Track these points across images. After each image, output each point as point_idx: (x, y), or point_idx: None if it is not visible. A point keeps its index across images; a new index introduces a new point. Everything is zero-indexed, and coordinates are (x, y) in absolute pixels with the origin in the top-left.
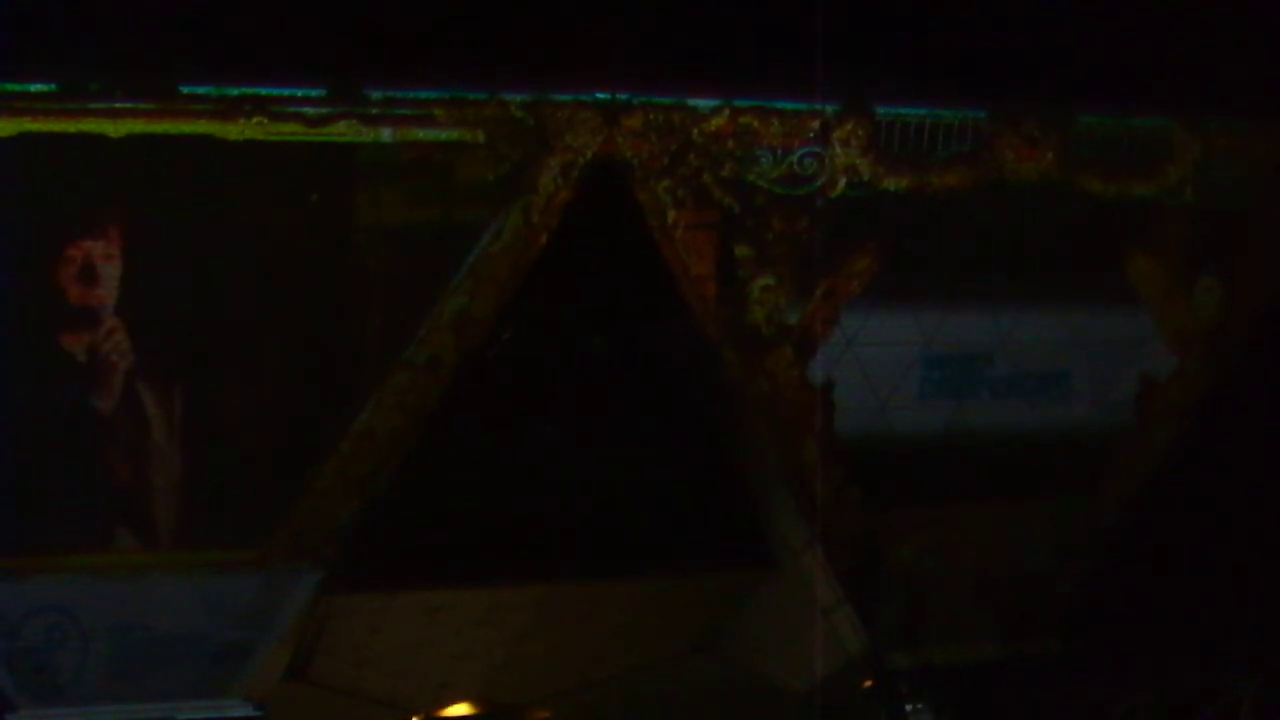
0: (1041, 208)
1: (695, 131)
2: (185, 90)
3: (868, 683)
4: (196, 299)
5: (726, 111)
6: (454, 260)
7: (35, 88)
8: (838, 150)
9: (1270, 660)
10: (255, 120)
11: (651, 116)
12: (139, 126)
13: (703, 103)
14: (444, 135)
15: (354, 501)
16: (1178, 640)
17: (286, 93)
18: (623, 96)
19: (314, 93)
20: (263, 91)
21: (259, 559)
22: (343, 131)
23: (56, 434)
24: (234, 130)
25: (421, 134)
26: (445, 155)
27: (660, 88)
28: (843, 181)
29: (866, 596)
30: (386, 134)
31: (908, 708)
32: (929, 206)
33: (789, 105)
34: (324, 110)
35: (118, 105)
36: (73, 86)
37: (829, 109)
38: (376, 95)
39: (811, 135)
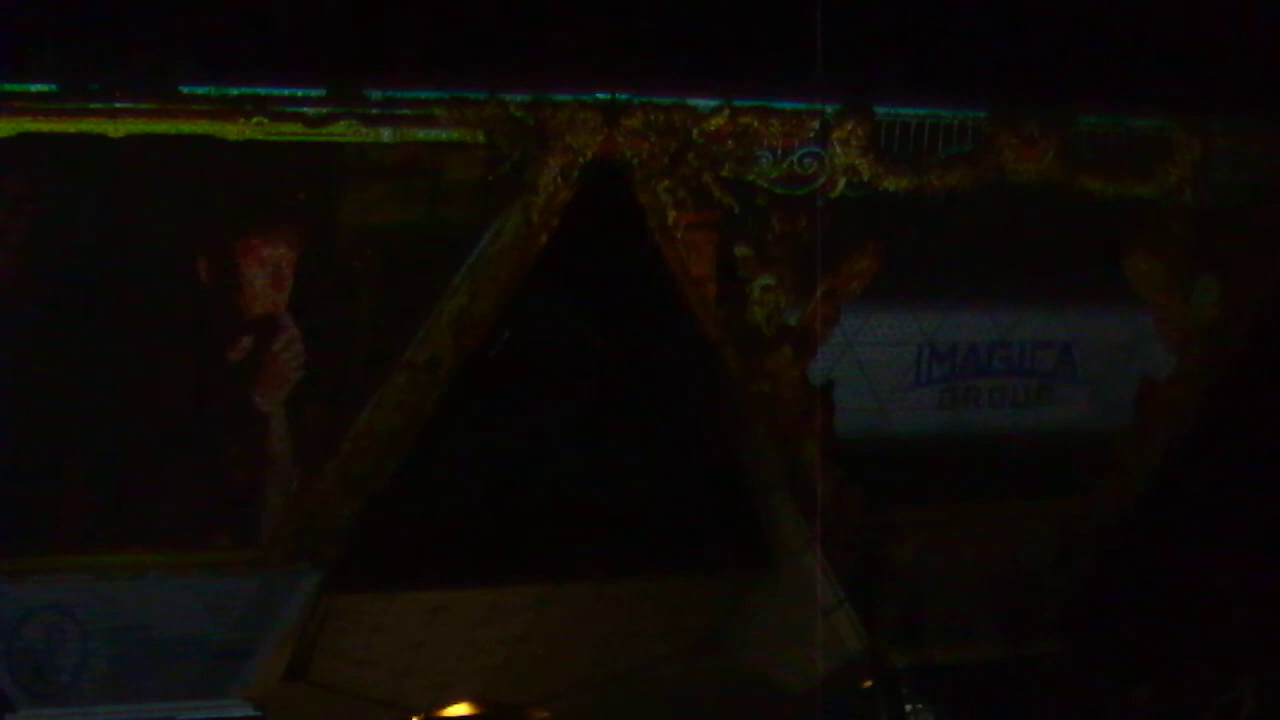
0: (1041, 207)
1: (695, 131)
2: (185, 90)
3: (868, 683)
4: None
5: (726, 111)
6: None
7: (35, 88)
8: (838, 150)
9: (1270, 660)
10: (255, 120)
11: (651, 116)
12: (139, 126)
13: (703, 103)
14: (444, 135)
15: (354, 501)
16: (1178, 640)
17: (286, 93)
18: (623, 96)
19: (314, 93)
20: (263, 91)
21: (259, 559)
22: (343, 131)
23: None
24: (234, 130)
25: (421, 134)
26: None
27: (660, 88)
28: (843, 181)
29: (866, 596)
30: (386, 134)
31: (908, 708)
32: (929, 206)
33: (789, 105)
34: (324, 110)
35: (118, 105)
36: (73, 86)
37: (829, 109)
38: (376, 95)
39: (811, 135)
